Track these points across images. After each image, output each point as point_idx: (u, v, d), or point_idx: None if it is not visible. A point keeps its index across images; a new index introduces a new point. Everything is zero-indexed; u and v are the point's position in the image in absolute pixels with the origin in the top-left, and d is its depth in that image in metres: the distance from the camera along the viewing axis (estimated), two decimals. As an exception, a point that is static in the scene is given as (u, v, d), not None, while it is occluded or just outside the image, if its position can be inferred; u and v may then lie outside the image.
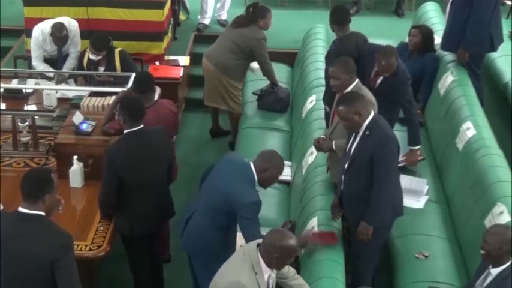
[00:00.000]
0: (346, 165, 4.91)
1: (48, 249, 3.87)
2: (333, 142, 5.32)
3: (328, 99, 6.04)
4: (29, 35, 7.47)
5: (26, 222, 3.92)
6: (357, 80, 5.38)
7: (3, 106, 6.54)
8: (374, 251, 5.10)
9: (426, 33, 7.01)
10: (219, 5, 9.21)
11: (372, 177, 4.79)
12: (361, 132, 4.82)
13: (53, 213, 4.05)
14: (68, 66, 7.30)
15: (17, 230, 3.93)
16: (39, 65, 7.30)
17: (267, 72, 7.32)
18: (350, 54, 5.81)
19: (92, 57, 6.91)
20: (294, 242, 4.13)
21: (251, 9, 7.24)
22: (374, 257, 5.15)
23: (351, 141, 4.92)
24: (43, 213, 3.94)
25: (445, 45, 7.00)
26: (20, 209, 3.95)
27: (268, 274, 4.16)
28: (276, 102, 7.34)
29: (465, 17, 6.67)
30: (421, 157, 6.17)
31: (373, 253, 5.12)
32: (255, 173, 4.74)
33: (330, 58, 5.97)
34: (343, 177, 4.96)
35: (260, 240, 4.18)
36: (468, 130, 5.91)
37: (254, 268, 4.09)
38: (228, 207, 4.69)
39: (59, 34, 7.04)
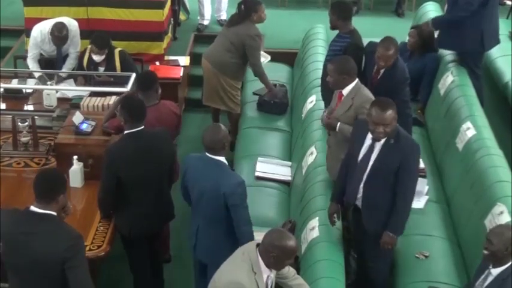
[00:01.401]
0: (365, 175, 4.77)
1: (58, 249, 3.89)
2: (338, 123, 5.26)
3: (325, 93, 6.09)
4: (29, 35, 7.46)
5: (38, 221, 3.94)
6: (356, 80, 5.37)
7: (3, 106, 6.53)
8: (390, 253, 5.08)
9: (423, 33, 7.02)
10: (216, 5, 9.20)
11: (395, 184, 4.70)
12: (382, 141, 4.70)
13: (61, 214, 4.07)
14: (67, 67, 7.29)
15: (29, 228, 3.94)
16: (31, 64, 7.28)
17: (258, 73, 7.27)
18: (362, 47, 5.93)
19: (95, 57, 6.91)
20: (293, 242, 4.12)
21: (242, 6, 7.21)
22: (389, 259, 5.14)
23: (366, 150, 4.76)
24: (55, 213, 3.96)
25: (440, 43, 7.01)
26: (33, 208, 3.96)
27: (267, 274, 4.15)
28: (274, 106, 7.34)
29: None
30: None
31: (389, 255, 5.10)
32: (213, 156, 4.72)
33: (349, 52, 5.93)
34: (361, 186, 4.81)
35: (260, 241, 4.18)
36: (468, 130, 5.91)
37: (253, 268, 4.08)
38: (225, 201, 4.69)
39: (59, 34, 7.03)
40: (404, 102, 5.81)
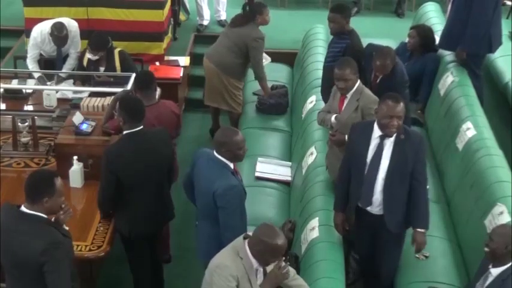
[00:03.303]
0: (382, 175, 4.73)
1: (34, 251, 3.88)
2: (346, 136, 5.22)
3: (325, 95, 6.06)
4: (29, 35, 7.45)
5: (21, 221, 3.95)
6: (359, 80, 5.36)
7: (3, 106, 6.54)
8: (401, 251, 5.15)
9: (423, 33, 7.02)
10: (214, 6, 9.20)
11: (410, 178, 4.72)
12: (392, 138, 4.69)
13: (58, 218, 4.07)
14: (67, 67, 7.29)
15: (12, 226, 3.96)
16: (30, 65, 7.28)
17: (259, 75, 7.27)
18: (361, 49, 5.99)
19: (90, 56, 6.92)
20: (280, 241, 4.05)
21: (247, 7, 7.23)
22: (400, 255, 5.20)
23: (375, 149, 4.73)
24: (42, 215, 3.96)
25: (443, 44, 7.00)
26: (22, 207, 3.98)
27: (255, 265, 4.16)
28: (272, 107, 7.33)
29: (465, 16, 6.67)
30: None
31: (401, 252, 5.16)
32: (218, 156, 4.67)
33: (347, 53, 5.94)
34: (381, 186, 4.76)
35: (250, 233, 4.18)
36: (468, 130, 5.91)
37: (239, 253, 4.11)
38: (215, 201, 4.64)
39: (58, 34, 7.04)
40: (405, 104, 5.82)
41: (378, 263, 5.14)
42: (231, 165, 4.72)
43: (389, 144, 4.71)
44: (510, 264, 4.22)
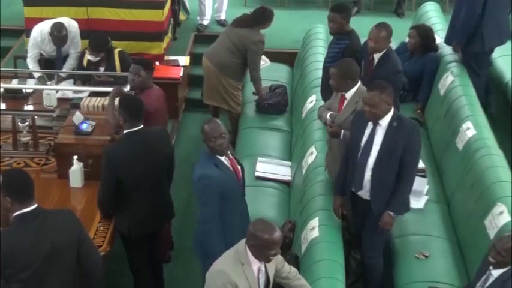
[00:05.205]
0: (373, 159, 4.88)
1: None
2: (342, 131, 5.27)
3: (324, 95, 6.07)
4: (29, 35, 7.46)
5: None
6: (359, 83, 5.34)
7: (3, 106, 6.54)
8: (385, 240, 5.23)
9: (423, 33, 7.03)
10: (216, 5, 9.20)
11: (399, 165, 4.86)
12: (384, 124, 4.83)
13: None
14: (67, 67, 7.30)
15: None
16: (31, 64, 7.29)
17: (254, 77, 7.26)
18: (360, 49, 6.01)
19: (90, 57, 6.92)
20: (273, 235, 4.00)
21: (262, 12, 7.15)
22: (383, 244, 5.26)
23: (368, 134, 4.88)
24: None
25: (446, 40, 7.05)
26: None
27: (257, 266, 4.12)
28: (270, 107, 7.33)
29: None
30: None
31: (384, 243, 5.23)
32: (206, 147, 4.70)
33: (346, 54, 5.96)
34: (368, 170, 4.91)
35: None
36: (468, 130, 5.91)
37: (240, 258, 4.08)
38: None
39: (58, 34, 7.04)
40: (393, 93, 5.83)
41: (365, 244, 5.22)
42: (221, 158, 4.69)
43: (381, 131, 4.87)
44: (511, 265, 4.22)
